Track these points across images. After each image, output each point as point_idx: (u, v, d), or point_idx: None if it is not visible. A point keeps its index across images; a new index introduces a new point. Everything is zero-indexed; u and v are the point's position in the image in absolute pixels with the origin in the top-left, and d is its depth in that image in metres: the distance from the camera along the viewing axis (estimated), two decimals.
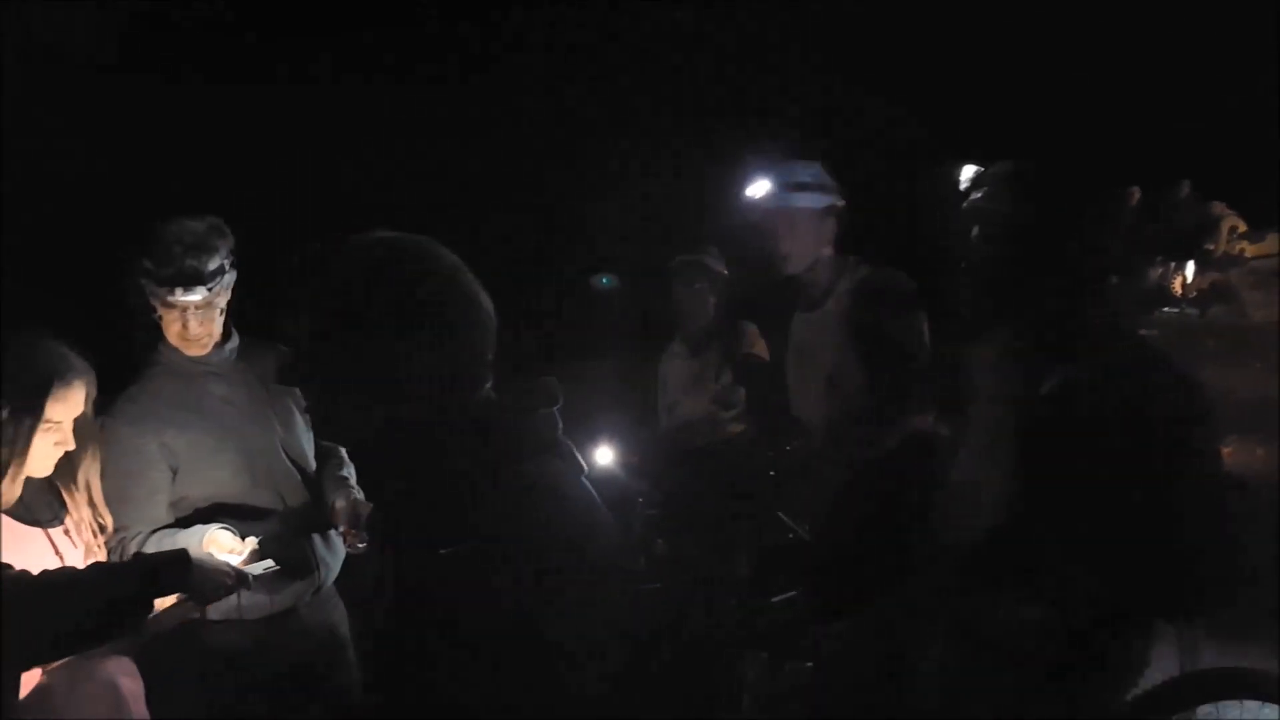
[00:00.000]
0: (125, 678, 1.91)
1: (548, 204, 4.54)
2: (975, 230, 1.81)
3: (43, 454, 1.87)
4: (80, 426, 1.91)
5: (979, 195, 1.81)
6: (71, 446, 1.90)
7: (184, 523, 2.22)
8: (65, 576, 1.77)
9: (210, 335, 2.26)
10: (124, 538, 2.16)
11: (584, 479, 1.31)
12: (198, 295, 2.16)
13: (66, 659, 1.78)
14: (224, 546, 2.10)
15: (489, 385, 1.28)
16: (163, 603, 1.89)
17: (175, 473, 2.24)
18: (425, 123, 4.26)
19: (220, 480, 2.26)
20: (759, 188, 2.72)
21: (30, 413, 1.81)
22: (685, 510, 3.18)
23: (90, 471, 1.97)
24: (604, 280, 4.23)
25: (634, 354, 4.12)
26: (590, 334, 4.28)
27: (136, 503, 2.18)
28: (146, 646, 1.96)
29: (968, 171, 2.49)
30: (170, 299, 2.15)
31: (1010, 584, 1.78)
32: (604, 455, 3.54)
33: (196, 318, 2.20)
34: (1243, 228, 8.73)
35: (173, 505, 2.25)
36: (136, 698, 1.92)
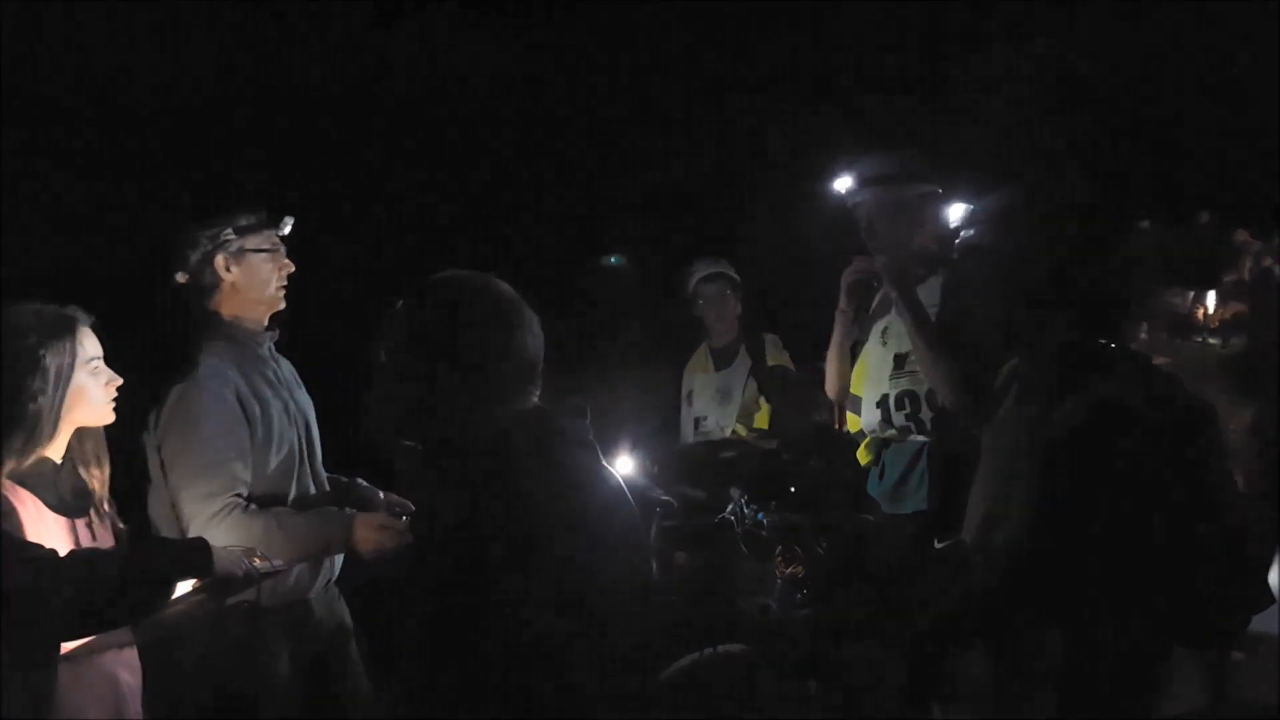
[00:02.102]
0: (125, 672, 1.91)
1: (564, 200, 4.54)
2: (970, 266, 1.82)
3: (99, 397, 1.87)
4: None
5: (971, 232, 1.82)
6: (120, 380, 1.89)
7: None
8: (89, 555, 1.79)
9: None
10: (234, 502, 2.12)
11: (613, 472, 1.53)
12: (290, 224, 2.33)
13: (71, 651, 1.78)
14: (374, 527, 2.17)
15: (537, 393, 1.51)
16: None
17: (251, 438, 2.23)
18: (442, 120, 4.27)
19: (285, 452, 2.28)
20: (844, 182, 2.74)
21: (66, 350, 1.80)
22: (707, 524, 3.16)
23: (101, 463, 1.95)
24: (613, 260, 4.25)
25: (658, 360, 4.10)
26: (613, 339, 4.27)
27: (232, 467, 2.15)
28: (161, 637, 1.96)
29: (959, 210, 2.52)
30: (282, 233, 2.31)
31: (1034, 607, 1.78)
32: (624, 464, 3.52)
33: (283, 257, 2.32)
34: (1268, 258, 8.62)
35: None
36: (134, 693, 1.93)
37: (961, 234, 1.82)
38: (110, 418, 1.92)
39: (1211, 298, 7.36)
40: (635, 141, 4.54)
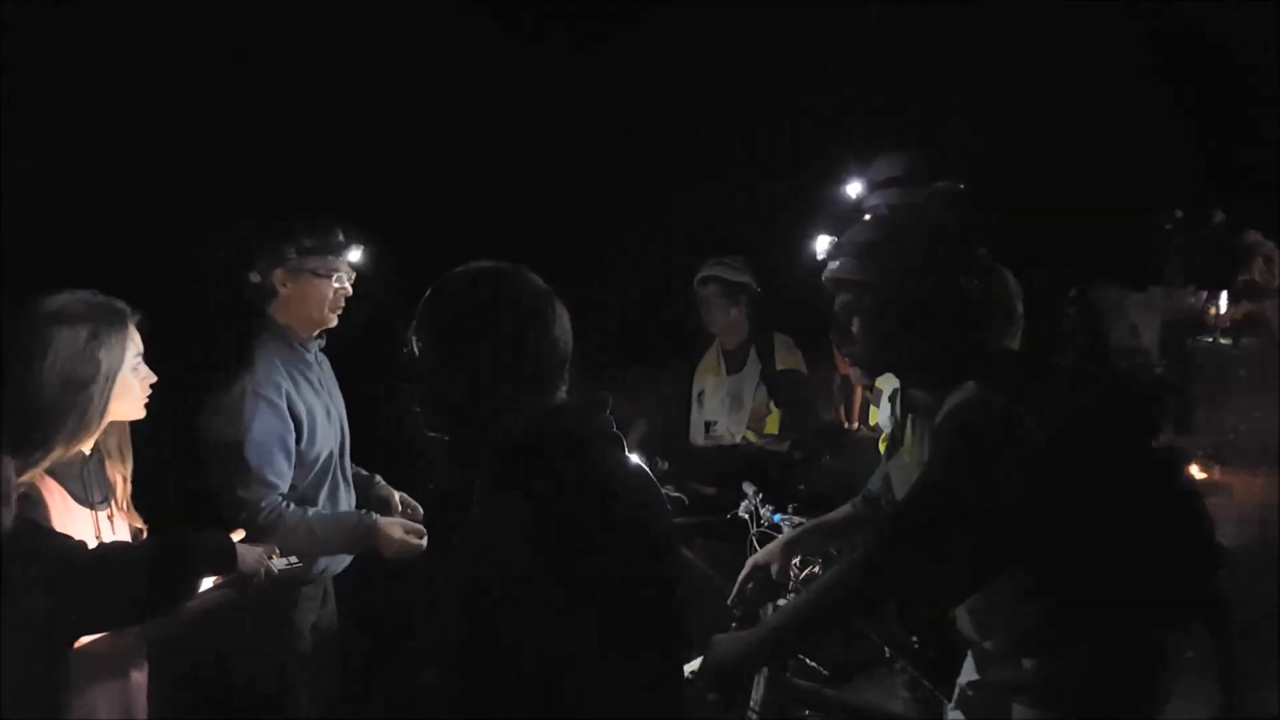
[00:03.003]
0: (134, 669, 1.91)
1: (583, 209, 4.54)
2: (838, 299, 1.84)
3: (137, 393, 1.86)
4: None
5: (835, 264, 1.83)
6: (154, 379, 1.89)
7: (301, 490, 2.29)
8: (119, 549, 1.79)
9: None
10: (277, 501, 2.21)
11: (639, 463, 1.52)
12: (359, 252, 2.39)
13: (82, 647, 1.77)
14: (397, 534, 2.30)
15: (565, 388, 1.48)
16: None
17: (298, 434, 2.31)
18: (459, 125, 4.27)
19: (325, 456, 2.36)
20: (851, 188, 2.74)
21: (117, 344, 1.79)
22: (718, 521, 3.15)
23: (124, 451, 1.94)
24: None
25: (668, 357, 4.09)
26: (626, 338, 4.27)
27: (280, 468, 2.24)
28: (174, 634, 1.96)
29: (823, 242, 2.54)
30: (345, 259, 2.36)
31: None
32: (632, 460, 3.50)
33: (348, 280, 2.37)
34: (1277, 257, 8.55)
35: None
36: (142, 689, 1.93)
37: (827, 267, 1.85)
38: (142, 414, 1.92)
39: (1224, 298, 7.33)
40: (648, 142, 4.53)
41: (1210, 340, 7.85)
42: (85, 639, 1.78)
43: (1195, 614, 1.83)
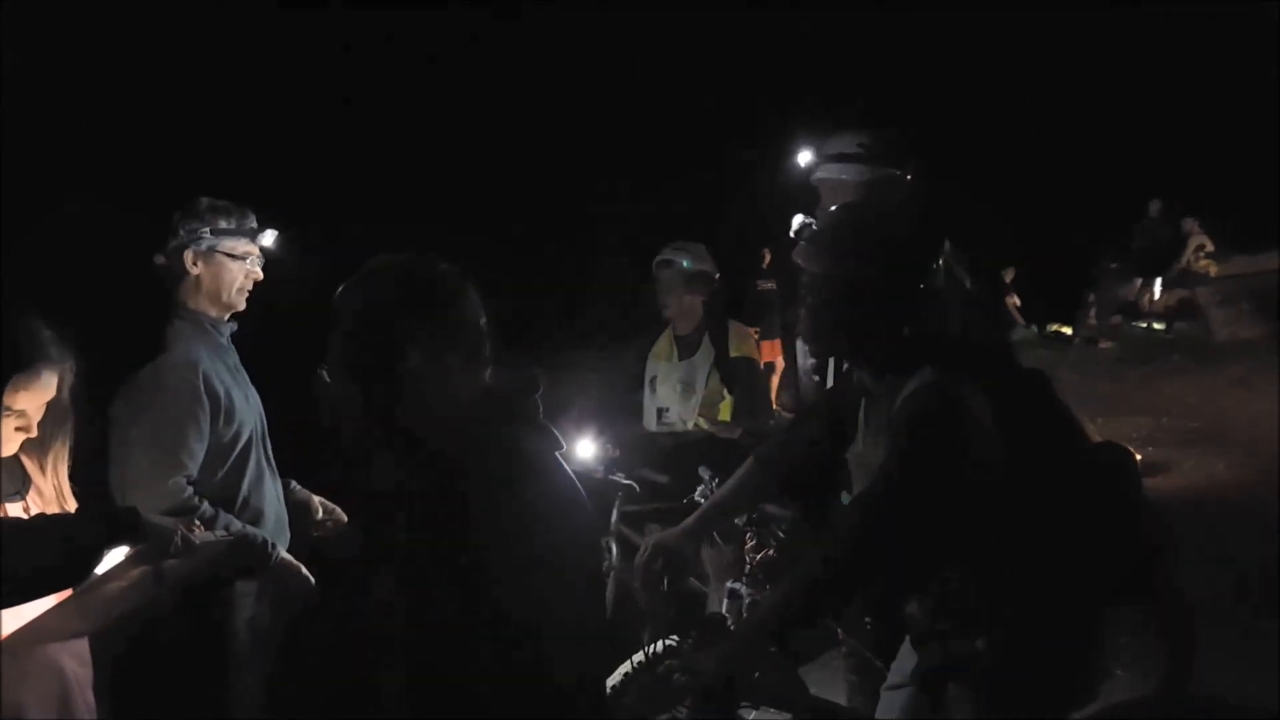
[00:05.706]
0: (72, 662, 1.82)
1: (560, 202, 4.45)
2: (803, 278, 1.85)
3: (3, 436, 1.77)
4: (51, 412, 1.82)
5: (803, 246, 1.85)
6: (32, 434, 1.81)
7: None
8: (11, 522, 1.71)
9: None
10: (183, 482, 2.11)
11: (560, 455, 1.46)
12: (272, 237, 2.37)
13: (9, 640, 1.68)
14: None
15: (487, 372, 1.45)
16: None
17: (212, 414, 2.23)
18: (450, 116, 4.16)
19: (245, 440, 2.28)
20: (802, 157, 2.70)
21: None
22: (672, 507, 3.08)
23: (59, 456, 1.88)
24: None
25: (621, 346, 4.00)
26: (578, 326, 4.18)
27: (191, 447, 2.15)
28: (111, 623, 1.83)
29: (796, 221, 2.55)
30: (258, 244, 2.35)
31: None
32: (585, 448, 3.43)
33: (258, 264, 2.37)
34: (1210, 246, 8.81)
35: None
36: (84, 683, 1.84)
37: (795, 250, 1.88)
38: (10, 453, 1.83)
39: (1158, 284, 7.51)
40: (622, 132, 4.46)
41: (1145, 325, 8.06)
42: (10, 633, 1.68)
43: (1142, 593, 1.81)
